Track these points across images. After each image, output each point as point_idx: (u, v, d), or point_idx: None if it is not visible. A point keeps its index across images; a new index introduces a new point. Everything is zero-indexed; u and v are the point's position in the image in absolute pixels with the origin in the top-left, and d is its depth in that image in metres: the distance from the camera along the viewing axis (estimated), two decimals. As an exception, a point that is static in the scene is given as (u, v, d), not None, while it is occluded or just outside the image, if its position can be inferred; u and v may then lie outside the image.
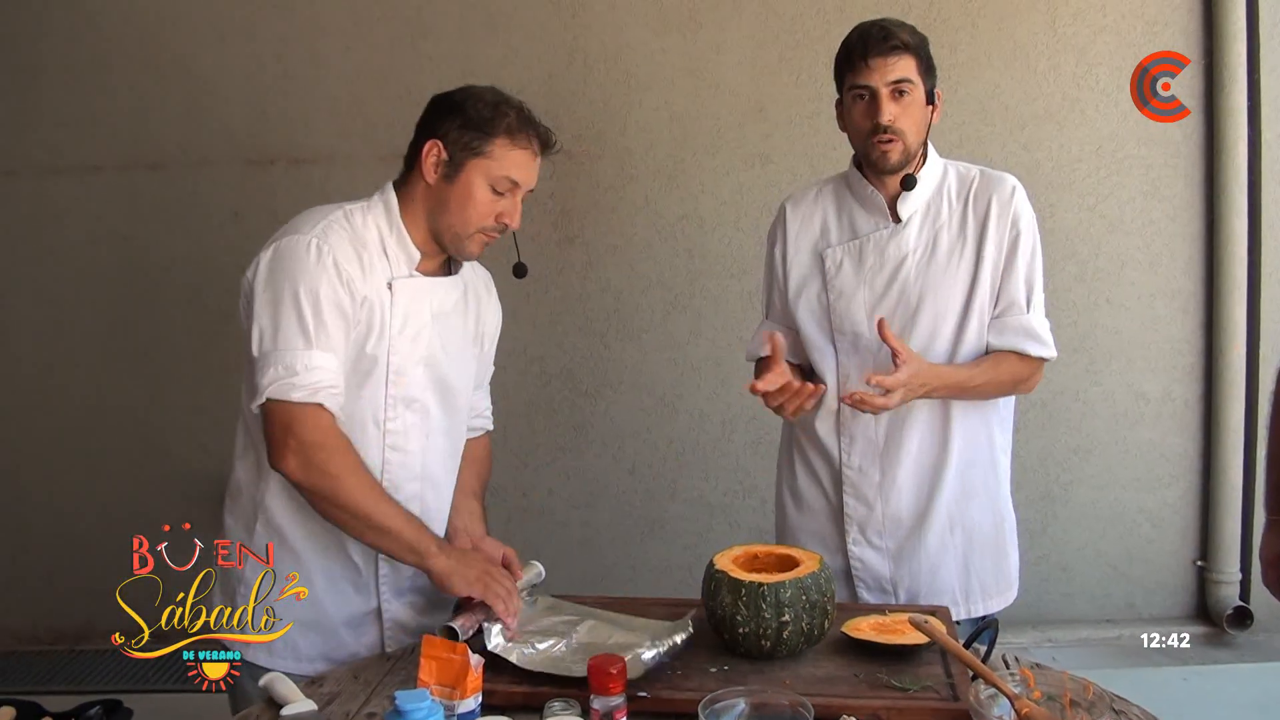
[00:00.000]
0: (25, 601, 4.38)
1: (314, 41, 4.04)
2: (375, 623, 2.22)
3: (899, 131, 2.27)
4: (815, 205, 2.48)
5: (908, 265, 2.35)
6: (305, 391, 1.99)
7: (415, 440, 2.20)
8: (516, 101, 2.18)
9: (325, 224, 2.09)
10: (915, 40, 2.30)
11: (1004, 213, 2.36)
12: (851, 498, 2.43)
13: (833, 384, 2.41)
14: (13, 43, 4.14)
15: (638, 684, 1.78)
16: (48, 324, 4.25)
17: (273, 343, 2.02)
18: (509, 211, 2.16)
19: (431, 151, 2.12)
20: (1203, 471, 4.14)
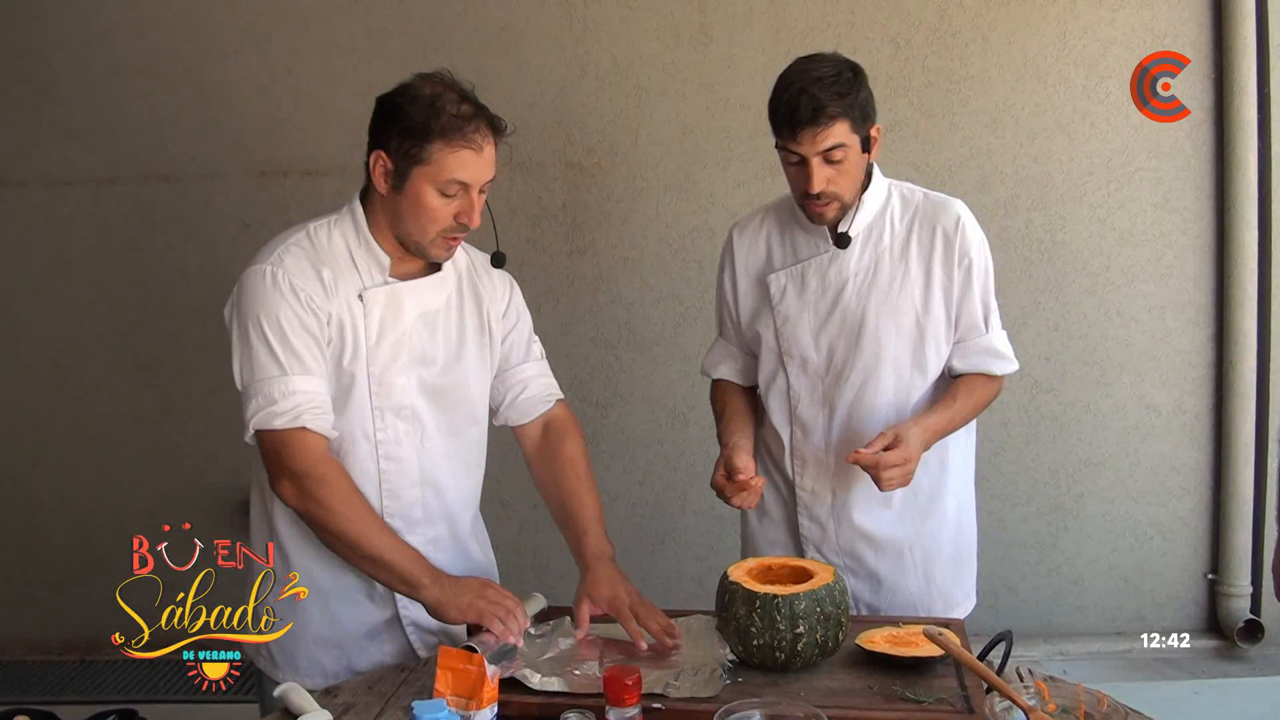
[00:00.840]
0: (37, 612, 4.39)
1: (326, 55, 4.06)
2: (396, 629, 2.22)
3: (833, 195, 2.25)
4: (760, 231, 2.49)
5: (849, 289, 2.35)
6: (287, 418, 2.01)
7: (408, 447, 2.18)
8: (458, 91, 2.10)
9: (283, 249, 2.09)
10: (846, 103, 2.19)
11: (951, 243, 2.33)
12: (806, 518, 2.46)
13: (783, 408, 2.45)
14: (26, 54, 4.16)
15: (652, 695, 1.78)
16: (60, 334, 4.27)
17: (250, 375, 2.04)
18: (465, 211, 2.10)
19: (377, 163, 2.08)
20: (1213, 484, 4.14)
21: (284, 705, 1.91)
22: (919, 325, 2.35)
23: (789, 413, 2.44)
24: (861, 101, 2.23)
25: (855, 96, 2.21)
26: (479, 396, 2.35)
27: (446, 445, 2.26)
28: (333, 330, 2.08)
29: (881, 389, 2.35)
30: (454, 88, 2.10)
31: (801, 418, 2.43)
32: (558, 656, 2.01)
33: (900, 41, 3.96)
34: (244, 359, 2.05)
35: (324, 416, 2.05)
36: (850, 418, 2.38)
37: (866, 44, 3.94)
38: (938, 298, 2.34)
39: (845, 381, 2.37)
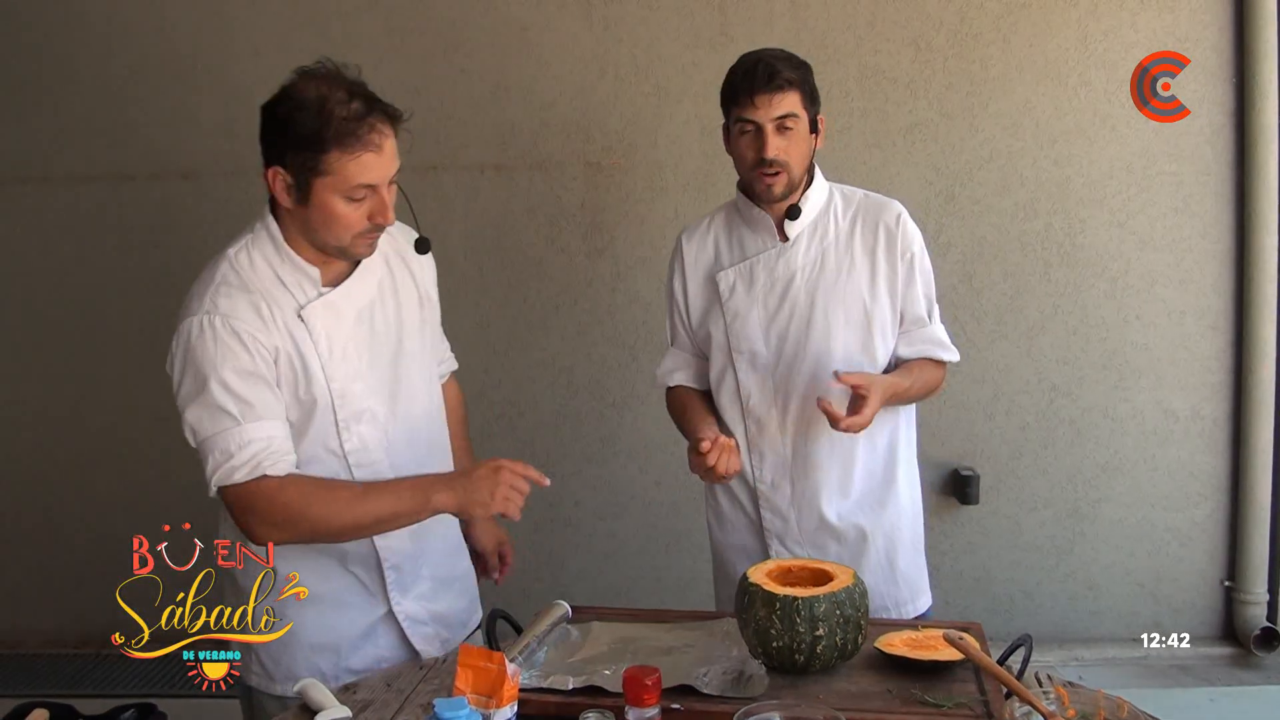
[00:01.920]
0: (54, 605, 4.42)
1: (347, 54, 4.00)
2: (391, 625, 2.23)
3: (783, 164, 2.37)
4: (708, 233, 2.59)
5: (797, 282, 2.45)
6: (246, 469, 1.99)
7: (376, 449, 2.17)
8: (346, 86, 1.99)
9: (213, 291, 2.03)
10: (799, 75, 2.37)
11: (894, 237, 2.44)
12: (768, 511, 2.53)
13: (734, 405, 2.52)
14: (48, 52, 4.18)
15: (670, 697, 1.78)
16: (80, 331, 4.29)
17: (204, 431, 2.01)
18: (378, 211, 2.01)
19: (276, 179, 2.00)
20: (1231, 491, 4.11)
21: (303, 701, 1.92)
22: (867, 314, 2.44)
23: (741, 409, 2.51)
24: (810, 82, 2.41)
25: (805, 74, 2.39)
26: (429, 369, 2.37)
27: (409, 433, 2.24)
28: (281, 361, 2.05)
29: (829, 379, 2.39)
30: (340, 83, 1.99)
31: (755, 412, 2.49)
32: (586, 658, 2.01)
33: (921, 43, 3.95)
34: (196, 415, 2.02)
35: (283, 459, 2.03)
36: (804, 407, 2.44)
37: (887, 46, 3.94)
38: (883, 288, 2.44)
39: (797, 373, 2.45)
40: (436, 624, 2.29)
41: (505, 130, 4.10)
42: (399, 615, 2.23)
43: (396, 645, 2.25)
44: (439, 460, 2.33)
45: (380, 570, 2.20)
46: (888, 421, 2.48)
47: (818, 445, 2.46)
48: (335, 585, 2.17)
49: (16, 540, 4.42)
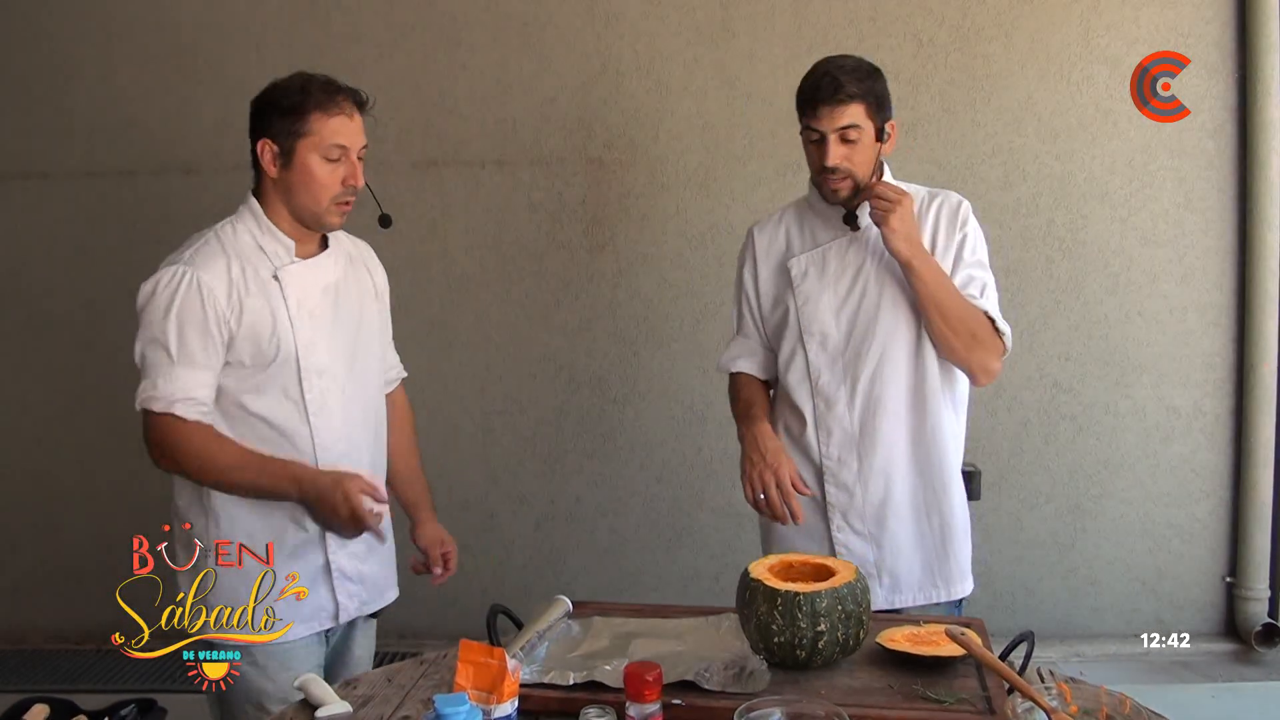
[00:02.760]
0: (57, 601, 4.42)
1: (349, 49, 4.07)
2: (325, 578, 2.40)
3: (846, 171, 2.47)
4: (779, 225, 2.72)
5: (866, 269, 2.56)
6: (162, 404, 2.26)
7: (333, 403, 2.39)
8: (321, 77, 2.33)
9: (195, 249, 2.33)
10: (864, 87, 2.45)
11: (953, 221, 2.56)
12: (833, 486, 2.60)
13: (803, 383, 2.62)
14: (49, 48, 4.18)
15: (672, 692, 1.78)
16: (83, 327, 4.29)
17: (145, 359, 2.31)
18: (350, 174, 2.33)
19: (265, 149, 2.33)
20: (1233, 487, 4.11)
21: (303, 696, 1.92)
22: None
23: (810, 387, 2.60)
24: (878, 91, 2.48)
25: (872, 85, 2.47)
26: (380, 362, 2.62)
27: (360, 410, 2.48)
28: (246, 318, 2.29)
29: (899, 358, 2.54)
30: (316, 76, 2.34)
31: (824, 391, 2.59)
32: (587, 653, 2.01)
33: (923, 38, 3.95)
34: (145, 343, 2.30)
35: (194, 407, 2.27)
36: (871, 387, 2.55)
37: (889, 41, 3.93)
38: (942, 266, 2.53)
39: (865, 353, 2.55)
40: (360, 584, 2.46)
41: (506, 126, 4.10)
42: (333, 568, 2.40)
43: (329, 599, 2.41)
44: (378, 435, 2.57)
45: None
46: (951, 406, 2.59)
47: (884, 422, 2.55)
48: (285, 537, 2.33)
49: (18, 536, 4.42)
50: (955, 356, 2.50)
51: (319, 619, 2.39)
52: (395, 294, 2.68)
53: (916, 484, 2.58)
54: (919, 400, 2.55)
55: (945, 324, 2.46)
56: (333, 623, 2.42)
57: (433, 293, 4.15)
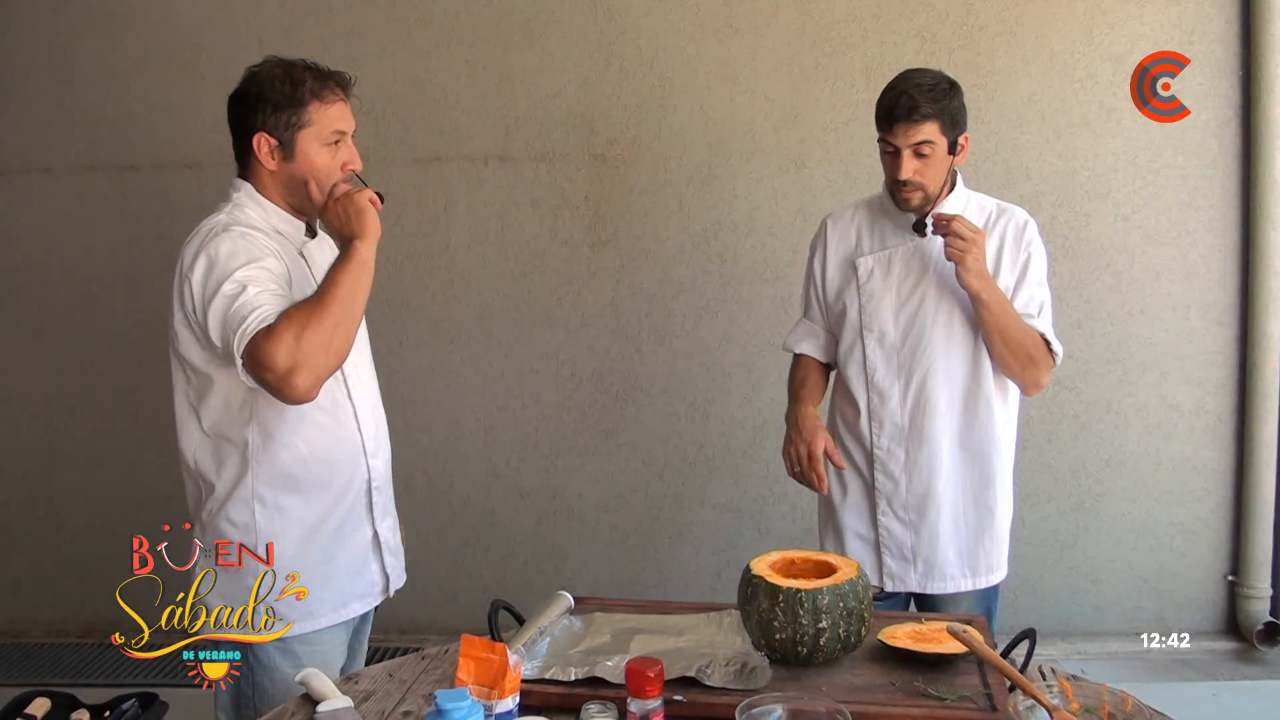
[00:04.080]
0: (58, 596, 4.42)
1: (351, 46, 4.06)
2: (375, 551, 2.38)
3: (918, 184, 2.58)
4: (851, 222, 2.82)
5: (929, 275, 2.67)
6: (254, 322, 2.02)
7: (365, 376, 2.40)
8: (301, 63, 2.29)
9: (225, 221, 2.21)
10: (938, 106, 2.54)
11: (1019, 238, 2.68)
12: (881, 474, 2.75)
13: (860, 375, 2.76)
14: (51, 43, 4.18)
15: (673, 688, 1.78)
16: (84, 322, 4.29)
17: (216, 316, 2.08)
18: (350, 158, 2.31)
19: (262, 144, 2.26)
20: (1235, 485, 4.11)
21: (305, 691, 1.92)
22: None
23: (866, 380, 2.74)
24: (953, 109, 2.57)
25: (947, 104, 2.56)
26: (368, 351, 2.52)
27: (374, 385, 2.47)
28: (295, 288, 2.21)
29: (952, 362, 2.66)
30: (296, 61, 2.29)
31: (879, 385, 2.72)
32: (589, 649, 2.01)
33: (926, 35, 3.94)
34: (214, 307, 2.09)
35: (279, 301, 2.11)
36: (924, 386, 2.68)
37: (892, 37, 3.93)
38: (1000, 285, 2.63)
39: (921, 354, 2.67)
40: (393, 555, 2.44)
41: (509, 122, 4.09)
42: (381, 540, 2.39)
43: (380, 573, 2.39)
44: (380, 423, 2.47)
45: (369, 492, 2.35)
46: (1003, 404, 2.71)
47: (933, 421, 2.67)
48: (337, 516, 2.29)
49: (20, 531, 4.43)
50: (1010, 372, 2.65)
51: (373, 594, 2.38)
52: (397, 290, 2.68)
53: (960, 480, 2.70)
54: (971, 404, 2.67)
55: (1006, 348, 2.60)
56: (383, 596, 2.41)
57: (435, 288, 4.14)
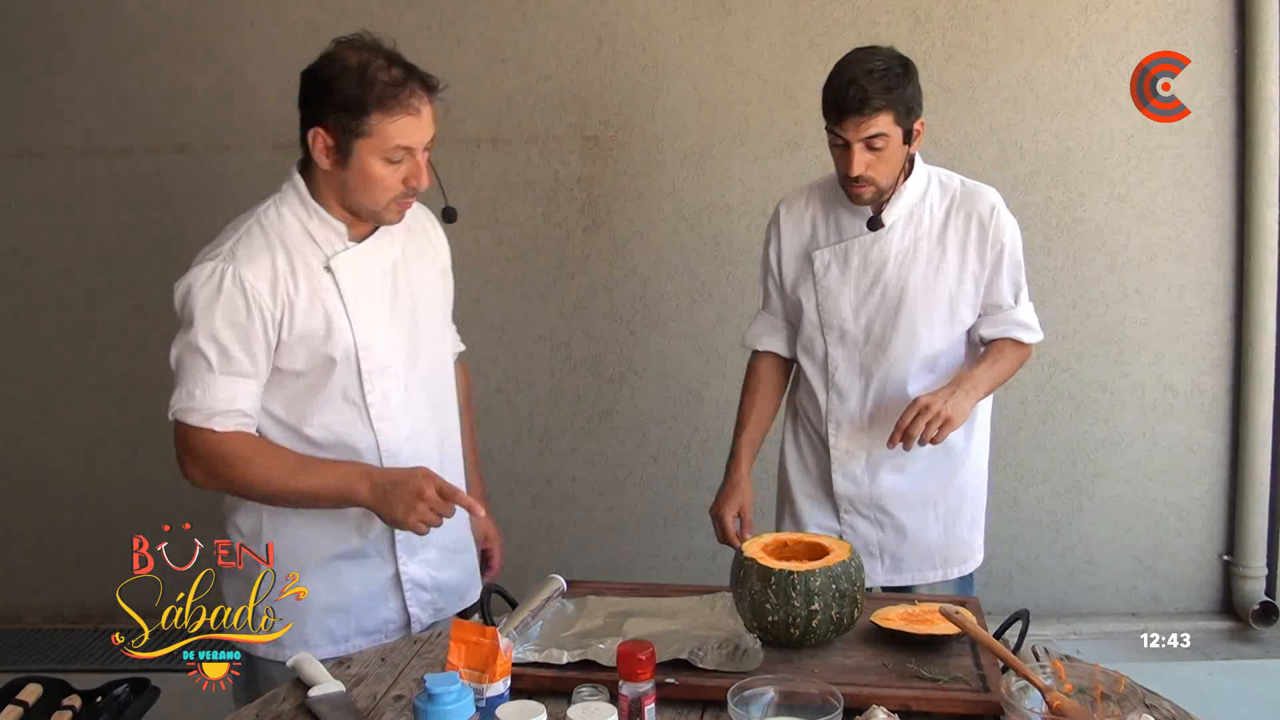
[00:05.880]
0: (53, 581, 4.42)
1: (342, 26, 3.94)
2: (397, 588, 2.27)
3: (871, 180, 2.41)
4: (806, 208, 2.64)
5: (889, 269, 2.53)
6: (200, 416, 2.08)
7: (396, 404, 2.21)
8: (385, 55, 2.08)
9: (234, 241, 2.10)
10: (892, 96, 2.35)
11: (985, 230, 2.51)
12: (840, 475, 2.64)
13: (820, 374, 2.64)
14: (42, 25, 4.15)
15: (666, 670, 1.77)
16: (77, 306, 4.27)
17: (181, 365, 2.11)
18: (413, 174, 2.11)
19: (317, 140, 2.08)
20: (1230, 465, 4.11)
21: (297, 676, 1.92)
22: (951, 306, 2.54)
23: (826, 379, 2.62)
24: (907, 97, 2.38)
25: (902, 91, 2.37)
26: (444, 340, 2.43)
27: (424, 396, 2.30)
28: (299, 316, 2.10)
29: (915, 360, 2.54)
30: (379, 52, 2.08)
31: (839, 384, 2.60)
32: (581, 632, 2.01)
33: (920, 14, 3.92)
34: (181, 347, 2.10)
35: (234, 419, 2.09)
36: (885, 386, 2.56)
37: (886, 17, 3.91)
38: (969, 282, 2.53)
39: (883, 354, 2.55)
40: (436, 592, 2.32)
41: (501, 103, 4.07)
42: (403, 578, 2.27)
43: (403, 609, 2.29)
44: (447, 427, 2.38)
45: (391, 531, 2.23)
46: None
47: (893, 418, 2.47)
48: (347, 546, 2.22)
49: (15, 516, 4.42)
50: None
51: (385, 631, 2.26)
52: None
53: (926, 478, 2.60)
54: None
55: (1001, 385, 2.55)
56: (401, 634, 2.26)
57: (428, 272, 4.13)
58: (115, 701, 2.19)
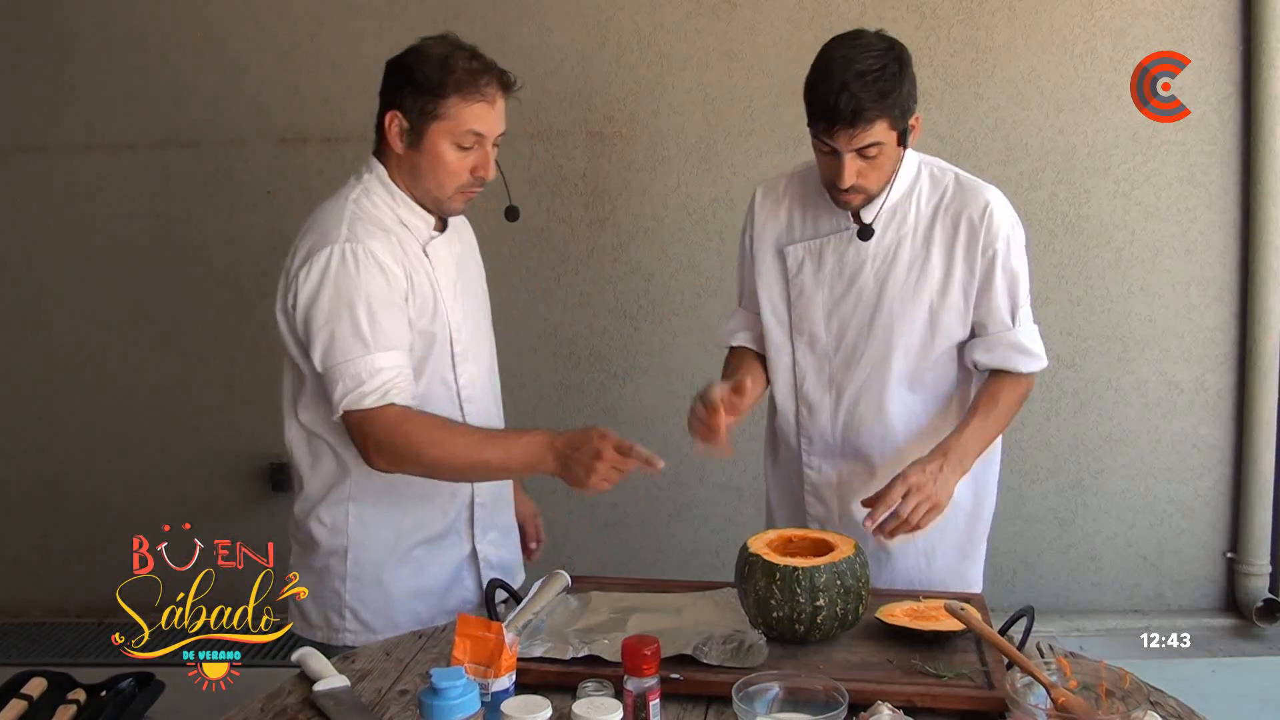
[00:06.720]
0: (56, 575, 4.43)
1: (347, 20, 4.04)
2: (472, 567, 2.35)
3: (861, 188, 2.19)
4: (783, 197, 2.40)
5: (866, 272, 2.29)
6: (375, 396, 2.07)
7: (481, 388, 2.33)
8: (468, 50, 2.17)
9: (349, 222, 2.12)
10: (888, 101, 2.09)
11: (976, 233, 2.24)
12: (812, 496, 2.46)
13: (788, 383, 2.42)
14: (47, 19, 4.15)
15: (670, 666, 1.77)
16: (81, 301, 4.27)
17: (334, 357, 2.09)
18: (481, 164, 2.18)
19: (393, 123, 2.15)
20: (1234, 462, 4.11)
21: (301, 670, 1.92)
22: (932, 317, 2.29)
23: (794, 388, 2.41)
24: (904, 98, 2.12)
25: (898, 94, 2.10)
26: (491, 335, 2.49)
27: (492, 384, 2.43)
28: (416, 290, 2.16)
29: (890, 377, 2.31)
30: (463, 48, 2.17)
31: (807, 396, 2.40)
32: (586, 627, 2.01)
33: (926, 10, 3.91)
34: (328, 341, 2.09)
35: (409, 389, 2.12)
36: (858, 403, 2.35)
37: (892, 13, 3.90)
38: (956, 291, 2.27)
39: (855, 365, 2.33)
40: (501, 570, 2.38)
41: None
42: (479, 556, 2.35)
43: (478, 588, 2.34)
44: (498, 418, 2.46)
45: (471, 507, 2.32)
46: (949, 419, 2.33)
47: (869, 439, 2.35)
48: (431, 529, 2.28)
49: (19, 510, 4.42)
50: None
51: (465, 610, 2.26)
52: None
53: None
54: (916, 423, 2.34)
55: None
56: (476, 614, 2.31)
57: (432, 267, 4.13)
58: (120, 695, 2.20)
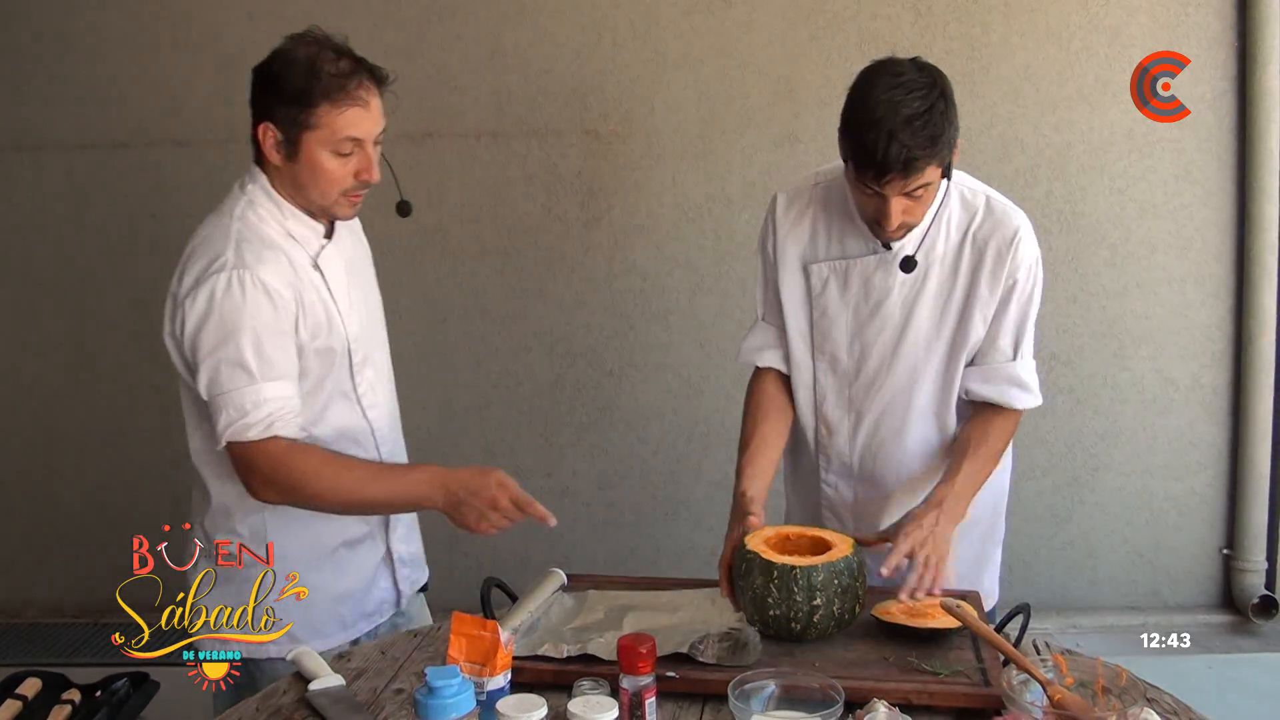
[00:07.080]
0: (52, 575, 4.42)
1: (341, 20, 3.93)
2: (387, 567, 2.34)
3: (906, 224, 2.11)
4: (807, 210, 2.32)
5: (894, 298, 2.24)
6: (260, 428, 2.02)
7: (381, 393, 2.30)
8: (334, 50, 2.07)
9: (235, 245, 2.05)
10: (937, 146, 2.00)
11: (1001, 260, 2.18)
12: (828, 511, 2.42)
13: (809, 401, 2.37)
14: (41, 18, 4.14)
15: (666, 664, 1.77)
16: (76, 300, 4.27)
17: (219, 386, 2.04)
18: (364, 167, 2.11)
19: (266, 135, 2.08)
20: (1230, 459, 4.11)
21: (297, 670, 1.92)
22: (954, 343, 2.25)
23: (814, 406, 2.36)
24: (951, 136, 2.04)
25: (947, 134, 2.01)
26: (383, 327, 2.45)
27: (389, 386, 2.39)
28: (307, 310, 2.10)
29: (913, 404, 2.28)
30: (329, 45, 2.09)
31: (828, 417, 2.36)
32: (582, 626, 2.01)
33: (921, 8, 3.91)
34: (213, 370, 2.04)
35: (294, 420, 2.07)
36: (878, 428, 2.32)
37: (887, 10, 3.90)
38: (978, 319, 2.23)
39: (876, 391, 2.29)
40: (410, 566, 2.41)
41: (501, 96, 4.06)
42: (393, 555, 2.34)
43: (391, 588, 2.35)
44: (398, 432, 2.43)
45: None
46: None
47: (885, 465, 2.33)
48: (350, 533, 2.26)
49: (15, 510, 4.41)
50: None
51: (382, 611, 2.33)
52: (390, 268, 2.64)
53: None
54: (930, 452, 2.32)
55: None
56: (394, 609, 2.36)
57: (427, 266, 4.12)
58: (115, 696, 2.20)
